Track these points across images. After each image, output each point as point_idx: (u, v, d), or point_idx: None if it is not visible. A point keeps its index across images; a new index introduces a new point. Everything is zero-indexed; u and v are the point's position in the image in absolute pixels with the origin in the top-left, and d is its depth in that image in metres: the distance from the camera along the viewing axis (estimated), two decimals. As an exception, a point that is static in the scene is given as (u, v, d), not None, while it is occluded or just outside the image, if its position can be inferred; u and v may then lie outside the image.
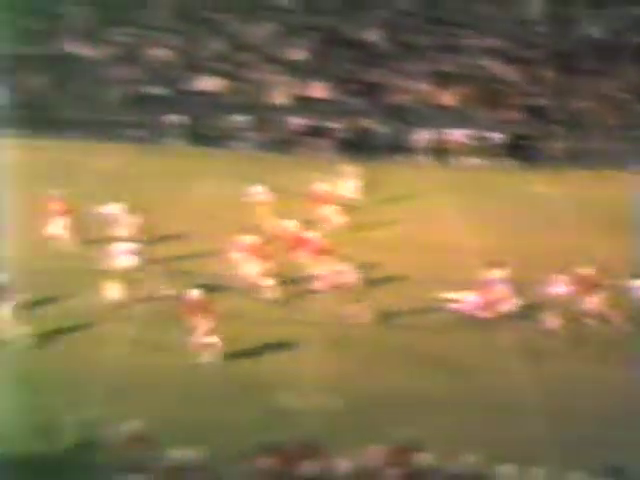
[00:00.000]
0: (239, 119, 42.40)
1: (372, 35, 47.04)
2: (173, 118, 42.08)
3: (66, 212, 27.65)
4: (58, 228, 27.49)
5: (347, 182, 33.22)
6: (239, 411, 18.62)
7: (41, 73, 44.42)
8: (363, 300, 23.65)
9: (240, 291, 24.62)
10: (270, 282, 24.76)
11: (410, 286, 25.52)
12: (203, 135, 41.52)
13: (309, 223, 28.05)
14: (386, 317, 23.79)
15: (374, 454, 16.03)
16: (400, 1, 47.99)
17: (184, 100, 43.37)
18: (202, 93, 44.21)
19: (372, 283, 24.96)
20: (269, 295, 24.60)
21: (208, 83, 44.70)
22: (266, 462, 15.16)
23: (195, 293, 21.53)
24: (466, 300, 24.02)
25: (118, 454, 15.07)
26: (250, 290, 24.64)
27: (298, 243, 26.23)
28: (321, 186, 30.89)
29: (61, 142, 39.48)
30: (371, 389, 20.15)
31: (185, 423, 17.43)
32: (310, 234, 26.46)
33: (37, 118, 41.80)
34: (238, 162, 37.58)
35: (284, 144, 41.34)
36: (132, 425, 15.51)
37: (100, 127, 40.90)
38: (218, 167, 35.57)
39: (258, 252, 25.07)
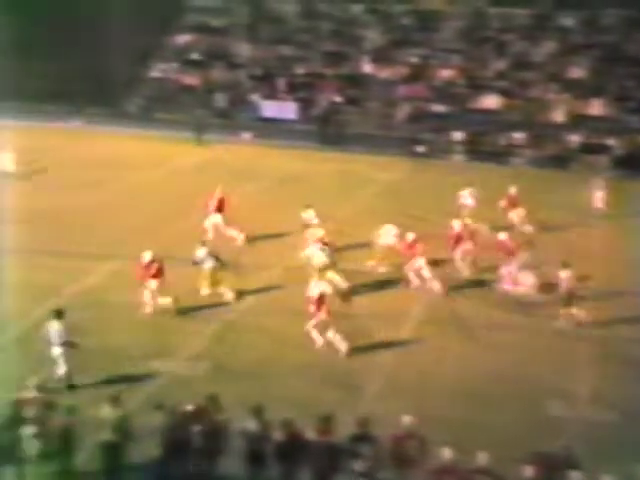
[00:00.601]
0: (516, 136, 43.01)
1: (654, 52, 46.34)
2: (454, 135, 43.37)
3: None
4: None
5: (597, 194, 33.01)
6: (508, 417, 18.53)
7: (337, 92, 47.41)
8: (573, 306, 23.09)
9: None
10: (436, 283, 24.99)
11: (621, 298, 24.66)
12: (481, 151, 42.31)
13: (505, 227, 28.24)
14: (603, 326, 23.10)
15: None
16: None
17: (465, 117, 44.71)
18: (482, 110, 45.40)
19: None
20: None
21: (489, 101, 45.84)
22: (530, 470, 14.69)
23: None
24: None
25: (386, 449, 15.24)
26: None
27: (495, 245, 26.08)
28: (514, 190, 30.88)
29: (350, 155, 41.64)
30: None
31: (454, 424, 17.65)
32: (502, 235, 26.19)
33: (329, 132, 44.69)
34: (510, 177, 38.05)
35: (559, 161, 41.37)
36: (404, 421, 15.47)
37: (387, 142, 42.62)
38: (486, 181, 34.64)
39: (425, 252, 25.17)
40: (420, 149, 42.72)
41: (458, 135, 43.29)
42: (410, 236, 25.46)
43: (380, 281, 25.59)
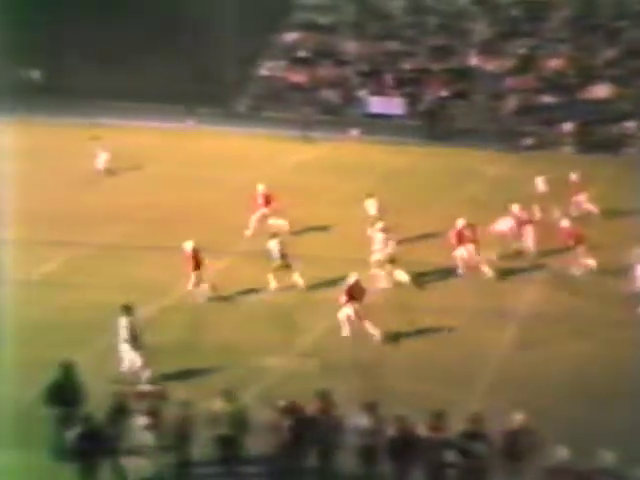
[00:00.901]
0: (628, 125, 41.82)
1: None
2: (564, 126, 42.34)
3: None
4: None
5: None
6: (624, 415, 17.93)
7: (444, 86, 46.93)
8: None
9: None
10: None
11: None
12: (592, 142, 41.29)
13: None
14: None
15: None
16: None
17: (575, 107, 43.67)
18: (593, 100, 44.28)
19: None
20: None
21: (599, 90, 44.64)
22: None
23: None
24: None
25: (498, 445, 14.93)
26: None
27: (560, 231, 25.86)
28: (575, 177, 30.33)
29: (457, 149, 41.01)
30: None
31: (567, 422, 17.16)
32: (564, 222, 25.94)
33: (436, 127, 44.11)
34: (622, 167, 37.15)
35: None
36: (515, 418, 15.15)
37: (495, 136, 41.99)
38: (596, 172, 33.75)
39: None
40: (528, 141, 41.96)
41: (568, 126, 42.31)
42: (460, 223, 25.25)
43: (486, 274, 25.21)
